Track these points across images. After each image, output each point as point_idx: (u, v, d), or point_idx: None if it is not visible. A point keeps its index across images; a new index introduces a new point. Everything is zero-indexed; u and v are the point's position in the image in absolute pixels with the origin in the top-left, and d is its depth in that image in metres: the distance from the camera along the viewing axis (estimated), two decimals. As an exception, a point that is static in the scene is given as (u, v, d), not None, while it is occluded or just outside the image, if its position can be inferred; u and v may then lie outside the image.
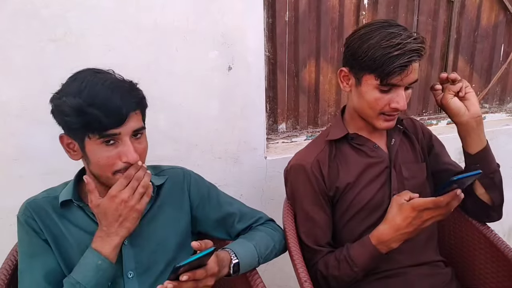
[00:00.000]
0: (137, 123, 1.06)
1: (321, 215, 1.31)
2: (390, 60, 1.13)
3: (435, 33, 2.14)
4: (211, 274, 1.01)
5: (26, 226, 1.10)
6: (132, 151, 1.04)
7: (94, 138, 1.02)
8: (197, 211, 1.27)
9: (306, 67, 1.97)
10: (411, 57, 1.14)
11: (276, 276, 1.78)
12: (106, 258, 1.03)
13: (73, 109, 0.99)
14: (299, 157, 1.36)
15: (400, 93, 1.19)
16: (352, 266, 1.22)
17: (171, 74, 1.61)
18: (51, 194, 1.14)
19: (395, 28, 1.16)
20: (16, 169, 1.51)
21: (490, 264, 1.40)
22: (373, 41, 1.16)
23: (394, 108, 1.20)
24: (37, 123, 1.45)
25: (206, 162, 1.75)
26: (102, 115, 0.99)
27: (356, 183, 1.30)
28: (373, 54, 1.15)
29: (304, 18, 1.89)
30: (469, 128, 1.26)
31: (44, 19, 1.41)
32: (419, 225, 1.13)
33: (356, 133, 1.33)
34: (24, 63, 1.43)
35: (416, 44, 1.14)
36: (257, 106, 1.78)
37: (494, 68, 2.29)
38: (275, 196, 1.85)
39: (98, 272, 1.03)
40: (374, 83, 1.19)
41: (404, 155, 1.35)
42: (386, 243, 1.18)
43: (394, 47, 1.13)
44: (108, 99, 1.00)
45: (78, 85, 1.02)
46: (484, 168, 1.23)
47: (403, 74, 1.15)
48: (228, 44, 1.65)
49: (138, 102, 1.07)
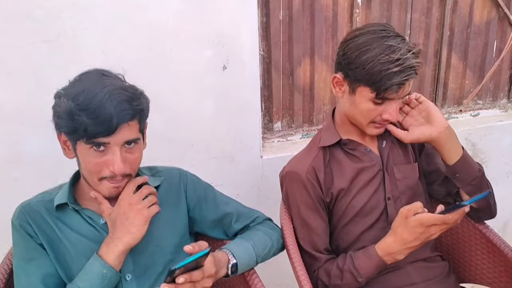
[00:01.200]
0: (130, 134, 1.04)
1: (318, 221, 1.31)
2: (388, 76, 1.12)
3: (428, 31, 2.15)
4: (208, 275, 1.00)
5: (21, 230, 1.09)
6: (118, 162, 1.03)
7: (83, 141, 1.01)
8: (194, 211, 1.27)
9: (301, 65, 1.97)
10: (409, 75, 1.13)
11: (274, 275, 1.78)
12: (111, 266, 1.03)
13: (64, 113, 0.99)
14: (294, 164, 1.35)
15: (393, 106, 1.19)
16: (357, 276, 1.21)
17: (166, 74, 1.60)
18: (45, 197, 1.13)
19: (394, 40, 1.14)
20: (10, 172, 1.49)
21: (486, 259, 1.41)
22: (372, 54, 1.13)
23: (386, 119, 1.21)
24: (32, 124, 1.44)
25: (202, 162, 1.74)
26: (90, 124, 0.97)
27: (350, 188, 1.29)
28: (372, 68, 1.13)
29: (298, 17, 1.89)
30: (441, 142, 1.25)
31: (38, 20, 1.40)
32: (425, 238, 1.13)
33: (348, 139, 1.32)
34: (17, 65, 1.42)
35: (415, 60, 1.13)
36: (252, 105, 1.78)
37: (487, 65, 2.31)
38: (272, 195, 1.85)
39: (104, 281, 1.02)
40: (369, 95, 1.18)
41: (396, 156, 1.35)
42: (393, 255, 1.18)
43: (393, 62, 1.11)
44: (101, 107, 0.97)
45: (78, 86, 1.01)
46: (464, 176, 1.26)
47: (399, 90, 1.15)
48: (222, 43, 1.65)
49: (135, 113, 1.03)
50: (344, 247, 1.33)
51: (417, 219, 1.11)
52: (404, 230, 1.13)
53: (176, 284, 0.93)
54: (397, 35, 1.17)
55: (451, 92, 2.29)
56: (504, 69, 2.36)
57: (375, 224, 1.30)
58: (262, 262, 1.26)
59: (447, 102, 2.31)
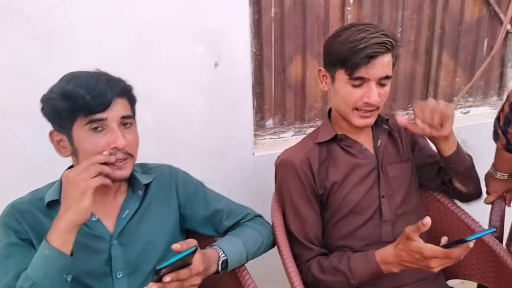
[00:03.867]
0: (124, 109, 1.07)
1: (309, 212, 1.32)
2: (355, 52, 1.17)
3: (419, 28, 2.16)
4: (196, 273, 0.99)
5: (5, 227, 1.07)
6: (120, 136, 1.04)
7: (82, 124, 1.02)
8: (185, 208, 1.27)
9: (293, 63, 1.97)
10: (377, 49, 1.17)
11: (265, 272, 1.79)
12: (54, 247, 0.96)
13: (59, 94, 1.01)
14: (289, 153, 1.37)
15: (371, 87, 1.21)
16: (350, 277, 1.21)
17: (158, 71, 1.60)
18: (36, 195, 1.12)
19: (366, 26, 1.21)
20: (1, 169, 1.49)
21: (475, 255, 1.42)
22: (342, 38, 1.21)
23: (366, 103, 1.22)
24: (23, 121, 1.43)
25: (193, 159, 1.74)
26: (88, 98, 1.00)
27: (345, 182, 1.31)
28: (342, 49, 1.20)
29: (289, 14, 1.89)
30: (442, 140, 1.26)
31: (28, 15, 1.39)
32: (423, 266, 1.09)
33: (344, 134, 1.34)
34: (7, 61, 1.41)
35: (383, 38, 1.18)
36: (244, 103, 1.78)
37: (478, 62, 2.32)
38: (263, 192, 1.85)
39: (46, 263, 0.96)
40: (345, 78, 1.22)
41: (390, 155, 1.37)
42: (388, 266, 1.16)
43: (359, 41, 1.17)
44: (94, 84, 1.02)
45: (64, 79, 1.05)
46: (458, 167, 1.30)
47: (368, 65, 1.18)
48: (214, 40, 1.64)
49: (124, 90, 1.08)
50: (336, 243, 1.33)
51: (418, 247, 1.06)
52: (403, 249, 1.10)
53: (163, 283, 0.93)
54: (375, 26, 1.22)
55: (442, 89, 2.31)
56: (494, 67, 2.38)
57: (368, 222, 1.31)
58: (253, 259, 1.26)
59: (438, 99, 2.30)
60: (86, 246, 1.09)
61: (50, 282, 0.95)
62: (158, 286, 0.93)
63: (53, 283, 0.96)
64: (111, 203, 1.16)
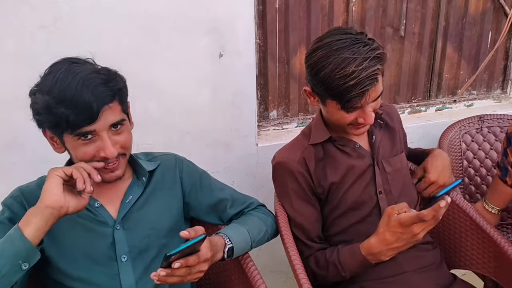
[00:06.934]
0: (114, 116, 1.04)
1: (309, 210, 1.33)
2: (346, 90, 1.12)
3: (424, 20, 2.15)
4: (204, 260, 1.01)
5: (5, 207, 1.09)
6: (109, 146, 1.03)
7: (70, 135, 1.01)
8: (189, 197, 1.29)
9: (297, 54, 1.97)
10: (368, 85, 1.12)
11: (269, 261, 1.81)
12: (19, 228, 0.96)
13: (43, 108, 0.99)
14: (284, 154, 1.36)
15: (366, 111, 1.19)
16: (341, 271, 1.24)
17: (162, 62, 1.61)
18: (44, 180, 1.14)
19: (350, 50, 1.11)
20: (8, 157, 1.50)
21: (476, 246, 1.44)
22: (328, 71, 1.13)
23: (362, 123, 1.22)
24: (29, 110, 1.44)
25: (197, 150, 1.75)
26: (71, 114, 0.97)
27: (343, 182, 1.31)
28: (330, 85, 1.14)
29: (294, 5, 1.89)
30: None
31: (34, 5, 1.40)
32: (410, 239, 1.11)
33: (338, 135, 1.33)
34: (14, 50, 1.42)
35: (372, 69, 1.11)
36: (248, 94, 1.79)
37: (482, 55, 2.32)
38: (267, 182, 1.86)
39: (6, 242, 0.95)
40: (337, 106, 1.19)
41: (385, 150, 1.37)
42: (375, 256, 1.18)
43: (348, 76, 1.10)
44: (77, 95, 0.97)
45: (50, 79, 1.00)
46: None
47: (363, 99, 1.14)
48: (219, 31, 1.65)
49: (114, 94, 1.03)
50: (334, 238, 1.35)
51: (396, 219, 1.11)
52: (386, 230, 1.13)
53: (172, 268, 0.94)
54: (355, 41, 1.14)
55: (445, 82, 2.31)
56: (498, 60, 2.38)
57: (367, 217, 1.32)
58: (257, 247, 1.28)
59: (441, 92, 2.32)
60: (91, 231, 1.11)
61: (3, 262, 0.93)
62: (167, 271, 0.94)
63: (5, 264, 0.94)
64: (115, 189, 1.18)
